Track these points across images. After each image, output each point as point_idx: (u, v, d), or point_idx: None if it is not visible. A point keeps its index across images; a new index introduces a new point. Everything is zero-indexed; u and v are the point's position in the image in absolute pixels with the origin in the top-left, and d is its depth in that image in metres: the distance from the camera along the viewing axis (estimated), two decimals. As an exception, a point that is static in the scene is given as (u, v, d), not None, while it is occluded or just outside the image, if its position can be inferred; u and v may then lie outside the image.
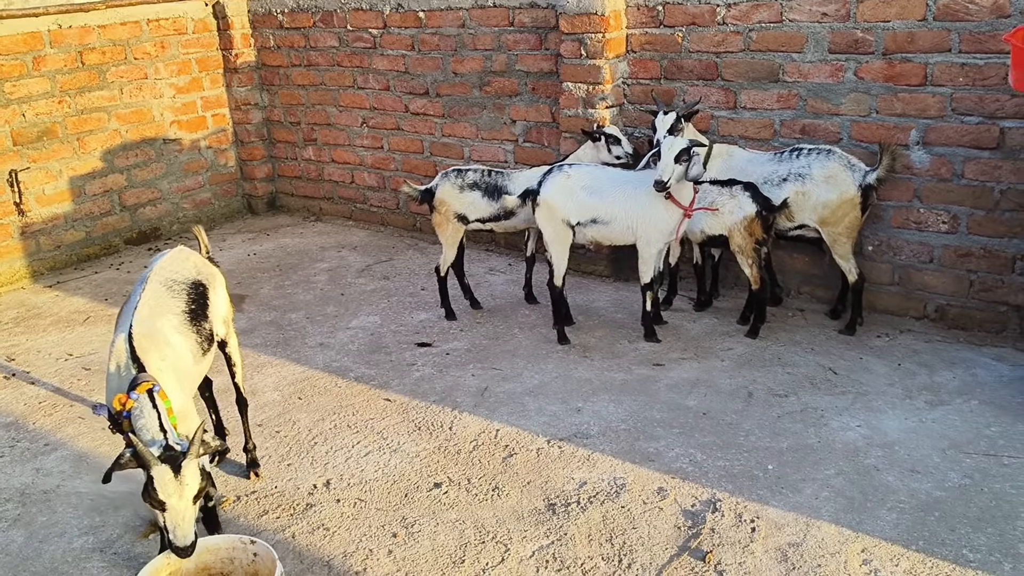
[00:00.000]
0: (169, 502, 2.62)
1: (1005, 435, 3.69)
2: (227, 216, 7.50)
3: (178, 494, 2.62)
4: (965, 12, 4.24)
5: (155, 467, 2.60)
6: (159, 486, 2.60)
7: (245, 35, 7.19)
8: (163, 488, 2.61)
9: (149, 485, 2.62)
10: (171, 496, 2.61)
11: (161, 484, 2.61)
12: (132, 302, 3.14)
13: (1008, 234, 4.42)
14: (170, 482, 2.61)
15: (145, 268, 3.50)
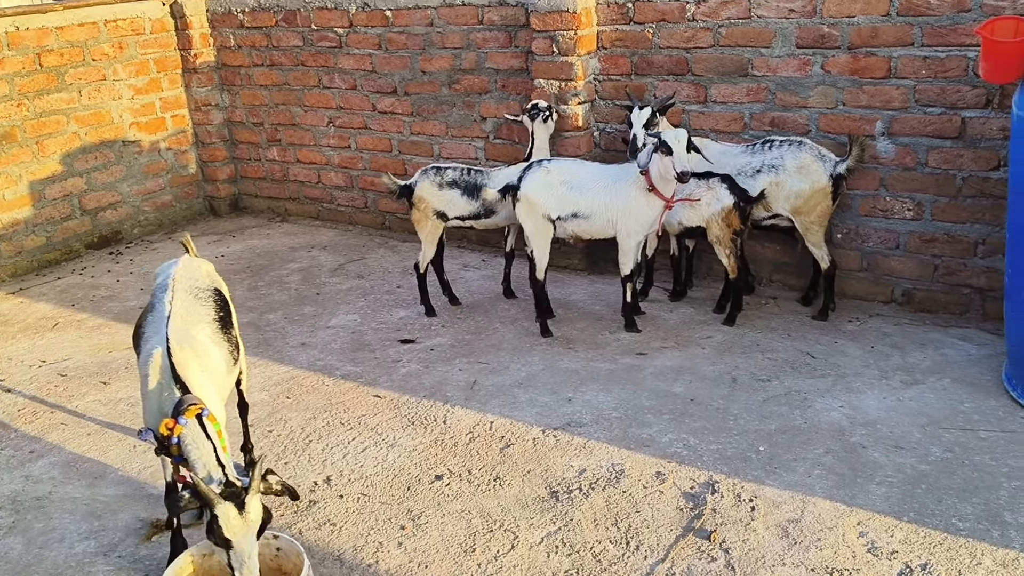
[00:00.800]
0: (235, 540, 2.57)
1: (979, 410, 3.86)
2: (189, 218, 7.41)
3: (244, 531, 2.57)
4: (927, 7, 4.41)
5: (219, 506, 2.55)
6: (224, 525, 2.54)
7: (204, 35, 7.12)
8: (229, 527, 2.55)
9: (214, 523, 2.55)
10: (237, 534, 2.56)
11: (227, 523, 2.55)
12: (160, 312, 3.07)
13: (970, 220, 4.62)
14: (235, 519, 2.56)
15: (156, 277, 3.45)
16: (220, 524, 2.55)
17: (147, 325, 3.08)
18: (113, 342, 5.13)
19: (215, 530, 2.56)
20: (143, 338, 3.06)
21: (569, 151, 5.47)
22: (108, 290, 5.97)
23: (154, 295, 3.26)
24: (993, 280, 4.56)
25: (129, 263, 6.49)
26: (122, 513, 3.53)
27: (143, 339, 3.06)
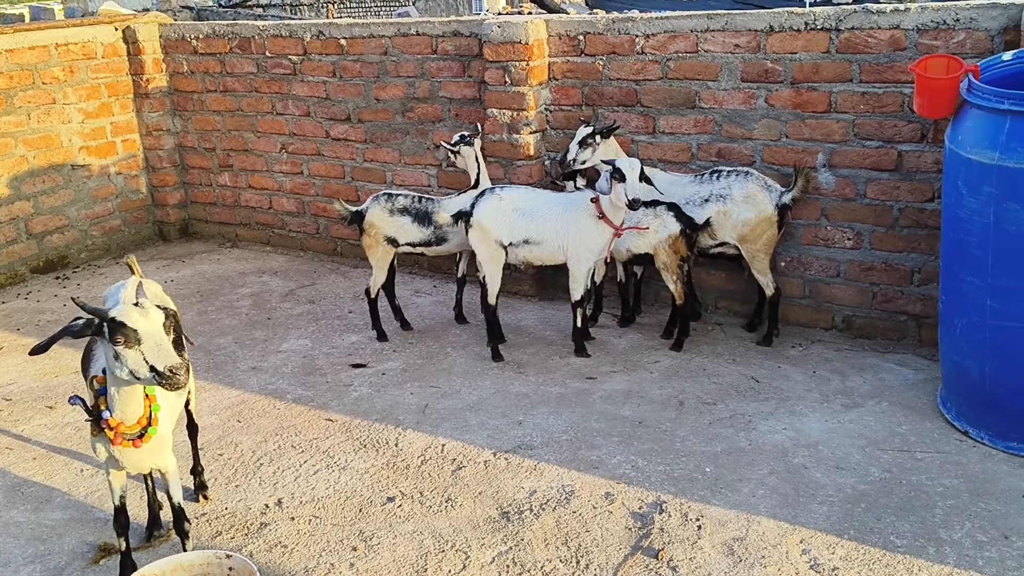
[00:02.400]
0: (140, 327, 2.60)
1: (915, 432, 3.99)
2: (138, 243, 7.34)
3: (145, 318, 2.62)
4: (865, 45, 4.60)
5: (113, 311, 2.63)
6: (124, 318, 2.59)
7: (156, 60, 7.11)
8: (129, 318, 2.60)
9: (115, 330, 2.59)
10: (139, 321, 2.60)
11: (126, 316, 2.60)
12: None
13: (906, 249, 4.79)
14: (133, 311, 2.62)
15: (104, 300, 3.41)
16: (121, 320, 2.59)
17: (98, 345, 3.07)
18: (59, 366, 5.06)
19: (120, 332, 2.58)
20: (93, 357, 3.05)
21: (521, 179, 5.56)
22: (54, 314, 5.89)
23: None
24: (928, 307, 4.73)
25: (76, 288, 6.41)
26: (68, 537, 3.48)
27: (93, 358, 3.05)
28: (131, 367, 2.64)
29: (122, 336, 2.60)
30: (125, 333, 2.60)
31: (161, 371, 2.61)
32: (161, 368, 2.61)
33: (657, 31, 5.12)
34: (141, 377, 2.66)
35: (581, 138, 4.91)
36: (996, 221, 3.53)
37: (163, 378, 2.62)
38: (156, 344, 2.63)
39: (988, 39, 4.33)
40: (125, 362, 2.63)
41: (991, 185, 3.52)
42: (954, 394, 4.06)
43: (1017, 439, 3.76)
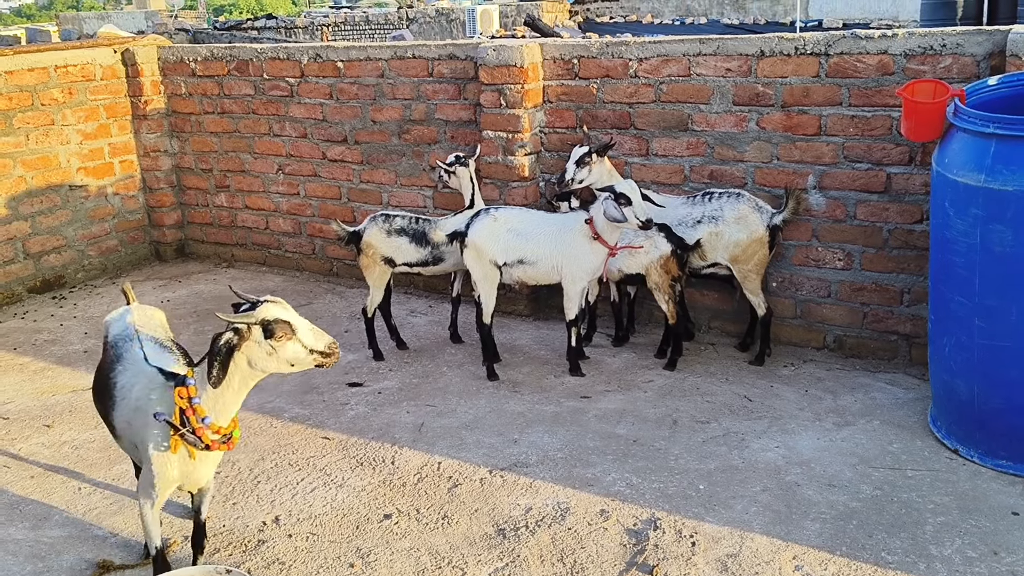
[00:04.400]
0: (290, 318, 2.75)
1: (907, 451, 4.04)
2: (134, 263, 7.38)
3: (286, 309, 2.77)
4: (854, 70, 4.69)
5: (258, 312, 2.74)
6: (277, 315, 2.73)
7: (155, 82, 7.18)
8: (278, 313, 2.73)
9: (273, 327, 2.72)
10: (285, 313, 2.76)
11: (275, 312, 2.73)
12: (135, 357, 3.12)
13: (896, 270, 4.86)
14: (273, 307, 2.75)
15: (107, 327, 3.39)
16: (273, 317, 2.72)
17: (120, 374, 3.09)
18: (55, 385, 5.09)
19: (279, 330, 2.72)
20: (118, 387, 3.07)
21: (516, 200, 5.63)
22: (51, 334, 5.92)
23: (115, 346, 3.23)
24: (918, 327, 4.79)
25: (73, 307, 6.44)
26: (67, 554, 3.50)
27: (118, 387, 3.07)
28: (289, 357, 2.78)
29: (282, 331, 2.73)
30: (284, 328, 2.73)
31: (323, 350, 2.80)
32: (322, 348, 2.80)
33: (650, 55, 5.21)
34: (297, 364, 2.80)
35: (578, 157, 4.99)
36: (982, 242, 3.60)
37: (326, 356, 2.81)
38: (308, 328, 2.81)
39: (974, 64, 4.42)
40: (283, 354, 2.76)
41: (977, 207, 3.59)
42: (944, 413, 4.11)
43: (1006, 457, 3.81)
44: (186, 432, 2.87)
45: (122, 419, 3.06)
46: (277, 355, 2.76)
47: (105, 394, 3.15)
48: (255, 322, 2.73)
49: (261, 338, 2.74)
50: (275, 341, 2.74)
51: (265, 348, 2.75)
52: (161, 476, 2.96)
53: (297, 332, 2.76)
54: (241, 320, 2.74)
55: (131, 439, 3.06)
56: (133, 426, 3.01)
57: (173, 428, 2.89)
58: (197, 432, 2.88)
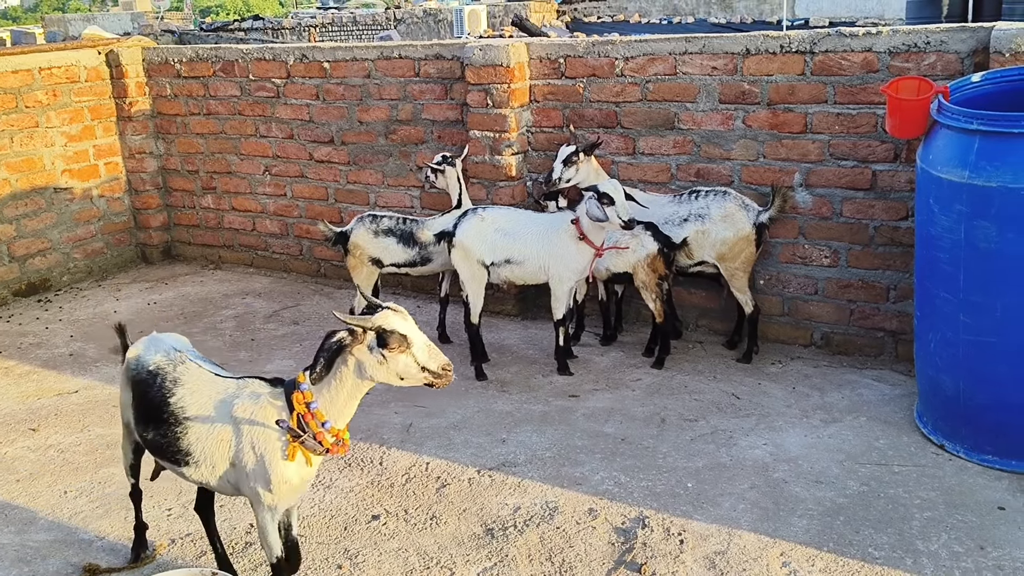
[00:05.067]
0: (408, 331, 2.68)
1: (893, 447, 4.06)
2: (120, 266, 7.34)
3: (407, 321, 2.71)
4: (839, 67, 4.71)
5: (377, 318, 2.67)
6: (394, 325, 2.66)
7: (140, 83, 7.14)
8: (397, 323, 2.67)
9: (387, 336, 2.65)
10: (404, 325, 2.69)
11: (394, 322, 2.66)
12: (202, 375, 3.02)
13: (882, 267, 4.88)
14: (395, 316, 2.68)
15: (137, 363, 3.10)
16: (391, 327, 2.66)
17: (187, 396, 2.93)
18: (41, 389, 5.06)
19: (393, 340, 2.65)
20: (192, 408, 2.92)
21: (503, 200, 5.62)
22: (36, 337, 5.88)
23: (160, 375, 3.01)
24: (904, 324, 4.81)
25: (58, 310, 6.40)
26: (53, 559, 3.48)
27: (192, 409, 2.92)
28: (400, 370, 2.71)
29: (396, 341, 2.66)
30: (398, 340, 2.67)
31: (435, 370, 2.73)
32: (435, 368, 2.73)
33: (636, 54, 5.22)
34: (407, 379, 2.73)
35: (565, 156, 4.99)
36: (967, 238, 3.62)
37: (437, 377, 2.74)
38: (425, 345, 2.72)
39: (958, 61, 4.44)
40: (393, 366, 2.69)
41: (962, 203, 3.61)
42: (930, 408, 4.13)
43: (992, 452, 3.83)
44: (307, 438, 2.79)
45: (209, 440, 2.88)
46: (387, 365, 2.69)
47: (168, 422, 2.94)
48: (370, 327, 2.67)
49: (374, 344, 2.68)
50: (387, 351, 2.66)
51: (376, 356, 2.68)
52: (281, 487, 2.84)
53: (412, 346, 2.68)
54: (357, 323, 2.68)
55: (229, 458, 2.88)
56: (236, 444, 2.85)
57: (293, 435, 2.79)
58: (317, 437, 2.79)
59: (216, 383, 2.97)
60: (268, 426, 2.82)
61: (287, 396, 2.82)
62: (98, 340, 5.76)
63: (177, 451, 2.94)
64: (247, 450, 2.84)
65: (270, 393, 2.87)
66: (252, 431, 2.84)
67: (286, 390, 2.84)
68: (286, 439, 2.81)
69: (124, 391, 3.17)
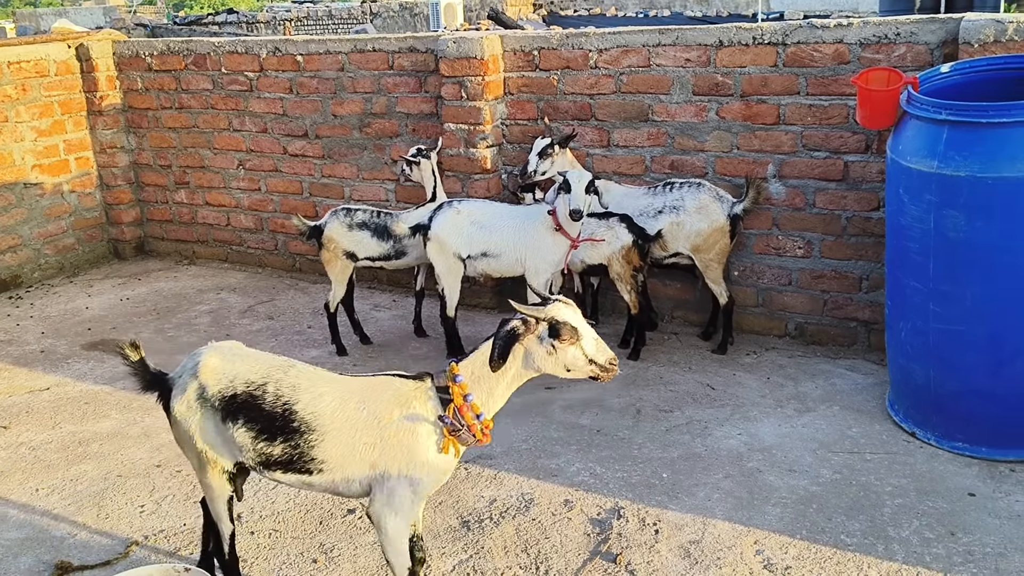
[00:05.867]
0: (578, 324, 2.67)
1: (865, 435, 4.10)
2: (92, 262, 7.27)
3: (576, 313, 2.69)
4: (810, 59, 4.73)
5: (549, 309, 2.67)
6: (567, 317, 2.65)
7: (110, 77, 7.07)
8: (569, 315, 2.66)
9: (560, 328, 2.64)
10: (575, 318, 2.67)
11: (566, 314, 2.65)
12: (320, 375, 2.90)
13: (855, 257, 4.91)
14: (566, 308, 2.68)
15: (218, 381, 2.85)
16: (564, 318, 2.64)
17: (314, 402, 2.77)
18: (12, 386, 5.00)
19: (565, 331, 2.63)
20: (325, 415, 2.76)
21: (478, 193, 5.62)
22: (7, 334, 5.82)
23: (264, 386, 2.81)
24: (876, 313, 4.85)
25: (29, 307, 6.33)
26: (24, 556, 3.45)
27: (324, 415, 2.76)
28: (568, 361, 2.68)
29: (568, 333, 2.65)
30: (569, 331, 2.65)
31: (603, 364, 2.70)
32: (602, 361, 2.70)
33: (610, 46, 5.22)
34: (573, 371, 2.71)
35: (540, 149, 4.99)
36: (936, 228, 3.65)
37: (603, 370, 2.71)
38: (593, 338, 2.71)
39: (928, 52, 4.48)
40: (562, 357, 2.67)
41: (931, 193, 3.64)
42: (901, 397, 4.17)
43: (962, 439, 3.87)
44: (464, 431, 2.73)
45: (349, 443, 2.74)
46: (556, 356, 2.67)
47: (299, 431, 2.76)
48: (544, 317, 2.65)
49: (545, 335, 2.66)
50: (558, 342, 2.65)
51: (546, 347, 2.66)
52: (429, 483, 2.77)
53: (581, 339, 2.66)
54: (531, 312, 2.67)
55: (371, 460, 2.74)
56: (381, 444, 2.73)
57: (451, 428, 2.72)
58: (471, 429, 2.73)
59: (345, 383, 2.84)
60: (421, 420, 2.73)
61: (439, 388, 2.76)
62: (69, 337, 5.70)
63: (310, 460, 2.76)
64: (395, 448, 2.72)
65: (417, 387, 2.78)
66: (401, 428, 2.72)
67: (437, 382, 2.77)
68: (441, 433, 2.74)
69: (200, 416, 2.84)
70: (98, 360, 5.31)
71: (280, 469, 2.82)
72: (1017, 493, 3.58)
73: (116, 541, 3.53)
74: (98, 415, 4.62)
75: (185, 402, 2.86)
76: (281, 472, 2.83)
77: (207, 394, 2.82)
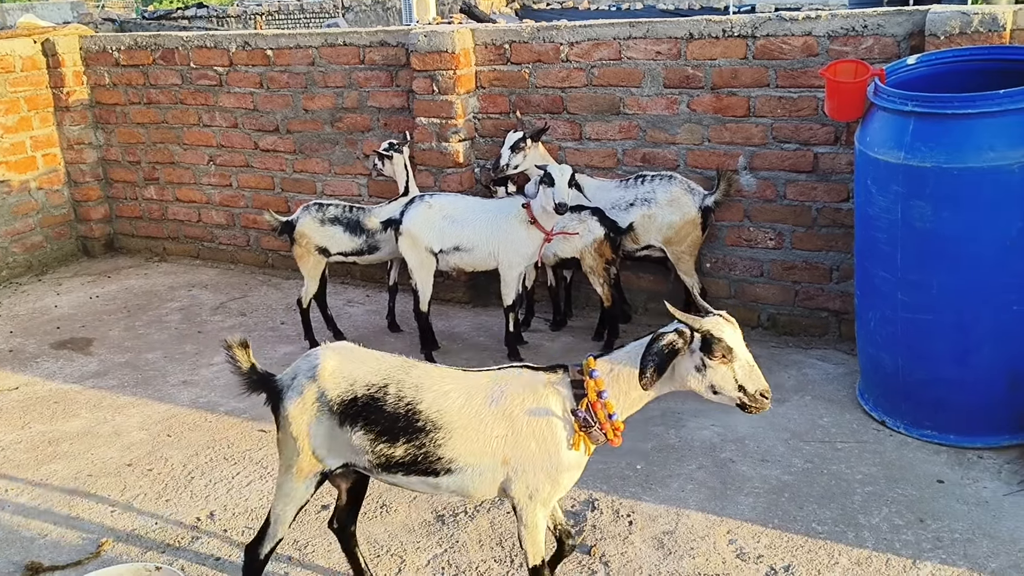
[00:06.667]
0: (735, 345, 2.53)
1: (836, 424, 4.14)
2: (61, 260, 7.19)
3: (736, 333, 2.57)
4: (780, 52, 4.76)
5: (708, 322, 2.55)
6: (722, 333, 2.53)
7: (77, 72, 6.98)
8: (726, 333, 2.53)
9: (714, 344, 2.51)
10: (732, 337, 2.55)
11: (723, 331, 2.53)
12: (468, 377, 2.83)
13: (825, 248, 4.96)
14: (726, 325, 2.56)
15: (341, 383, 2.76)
16: (719, 334, 2.51)
17: (441, 399, 2.70)
18: (-19, 386, 4.94)
19: (718, 348, 2.50)
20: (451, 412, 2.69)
21: (451, 187, 5.61)
22: (-25, 334, 5.74)
23: (385, 388, 2.73)
24: (847, 303, 4.89)
25: (-3, 306, 6.26)
26: (-8, 558, 3.41)
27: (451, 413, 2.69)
28: (716, 382, 2.55)
29: (721, 351, 2.52)
30: (724, 350, 2.52)
31: (752, 392, 2.54)
32: (752, 390, 2.54)
33: (581, 39, 5.22)
34: (719, 393, 2.56)
35: (512, 143, 4.99)
36: (903, 218, 3.69)
37: (752, 400, 2.55)
38: (748, 363, 2.56)
39: (895, 44, 4.52)
40: (710, 376, 2.55)
41: (898, 184, 3.68)
42: (871, 385, 4.21)
43: (931, 427, 3.92)
44: (595, 428, 2.64)
45: (479, 439, 2.68)
46: (704, 374, 2.53)
47: (424, 430, 2.69)
48: (699, 329, 2.53)
49: (697, 348, 2.54)
50: (709, 358, 2.52)
51: (696, 361, 2.54)
52: (564, 477, 2.71)
53: (734, 361, 2.52)
54: (689, 321, 2.55)
55: (503, 455, 2.68)
56: (514, 438, 2.67)
57: (583, 424, 2.64)
58: (603, 427, 2.64)
59: (469, 379, 2.76)
60: (552, 414, 2.65)
61: (573, 382, 2.68)
62: (38, 336, 5.64)
63: (437, 460, 2.69)
64: (528, 442, 2.65)
65: (550, 378, 2.71)
66: (535, 421, 2.65)
67: (571, 376, 2.70)
68: (572, 427, 2.66)
69: (315, 419, 2.75)
70: (67, 359, 5.26)
71: (402, 471, 2.75)
72: (985, 479, 3.63)
73: (87, 541, 3.50)
74: (68, 414, 4.58)
75: (301, 404, 2.76)
76: (403, 474, 2.76)
77: (326, 398, 2.73)
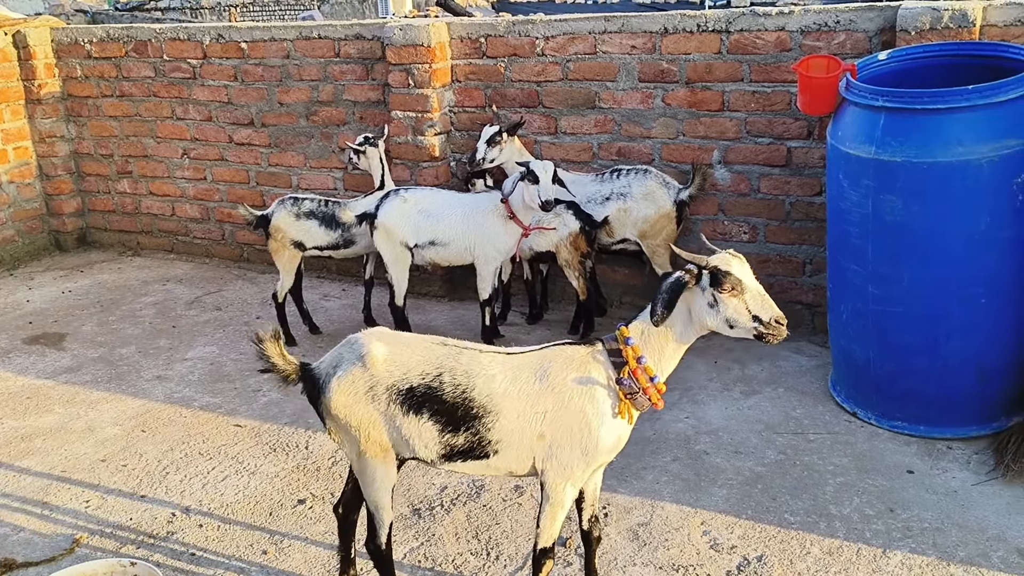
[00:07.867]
0: (743, 277, 2.58)
1: (809, 416, 4.18)
2: (33, 254, 7.11)
3: (743, 266, 2.62)
4: (753, 46, 4.79)
5: (715, 259, 2.61)
6: (729, 267, 2.58)
7: (48, 65, 6.91)
8: (732, 266, 2.58)
9: (722, 278, 2.56)
10: (740, 269, 2.60)
11: (729, 264, 2.58)
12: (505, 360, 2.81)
13: (798, 241, 5.00)
14: (733, 259, 2.61)
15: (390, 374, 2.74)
16: (726, 268, 2.58)
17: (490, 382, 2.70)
18: (-49, 382, 4.89)
19: (727, 281, 2.55)
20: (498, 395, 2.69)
21: (427, 181, 5.60)
22: (-55, 329, 5.68)
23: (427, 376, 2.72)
24: (820, 297, 4.94)
25: (-32, 301, 6.19)
26: (-36, 555, 3.38)
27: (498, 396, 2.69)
28: (730, 315, 2.58)
29: (730, 283, 2.56)
30: (733, 282, 2.56)
31: (766, 321, 2.57)
32: (766, 318, 2.57)
33: (556, 33, 5.23)
34: (736, 327, 2.60)
35: (488, 136, 5.00)
36: (874, 212, 3.73)
37: (768, 328, 2.57)
38: (759, 293, 2.60)
39: (866, 39, 4.56)
40: (723, 310, 2.58)
41: (869, 178, 3.72)
42: (843, 377, 4.26)
43: (901, 418, 3.97)
44: (639, 394, 2.67)
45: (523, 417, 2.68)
46: (718, 309, 2.57)
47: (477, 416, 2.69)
48: (706, 266, 2.58)
49: (707, 284, 2.58)
50: (719, 292, 2.56)
51: (707, 297, 2.58)
52: (602, 449, 2.70)
53: (745, 292, 2.57)
54: (693, 259, 2.61)
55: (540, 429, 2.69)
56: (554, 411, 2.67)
57: (628, 392, 2.66)
58: (646, 392, 2.67)
59: (514, 359, 2.76)
60: (596, 384, 2.67)
61: (611, 352, 2.70)
62: (10, 331, 5.58)
63: (488, 443, 2.71)
64: (568, 414, 2.67)
65: (588, 351, 2.72)
66: (576, 392, 2.66)
67: (607, 346, 2.72)
68: (616, 396, 2.68)
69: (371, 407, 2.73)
70: (40, 354, 5.21)
71: (461, 458, 2.77)
72: (954, 470, 3.69)
73: (61, 537, 3.48)
74: (41, 410, 4.54)
75: (353, 392, 2.73)
76: (461, 461, 2.78)
77: (379, 387, 2.72)
